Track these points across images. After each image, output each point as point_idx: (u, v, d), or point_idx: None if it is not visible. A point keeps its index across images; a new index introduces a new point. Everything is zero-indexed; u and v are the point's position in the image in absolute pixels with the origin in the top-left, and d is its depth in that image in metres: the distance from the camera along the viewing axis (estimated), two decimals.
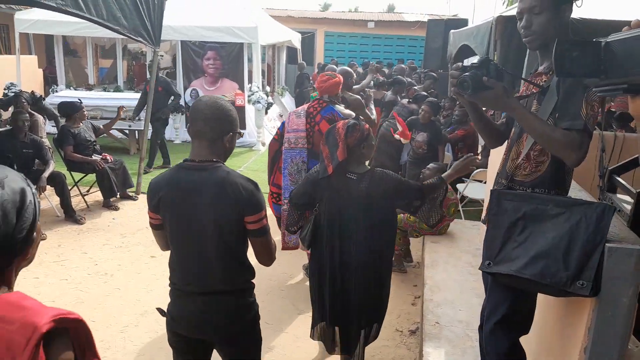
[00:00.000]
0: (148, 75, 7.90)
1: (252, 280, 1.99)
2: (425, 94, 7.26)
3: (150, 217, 1.95)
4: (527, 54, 3.16)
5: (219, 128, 1.85)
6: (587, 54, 0.85)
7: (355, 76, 4.91)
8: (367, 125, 2.64)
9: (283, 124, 3.81)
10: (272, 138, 3.96)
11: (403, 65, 11.97)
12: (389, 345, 3.31)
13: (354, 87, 4.45)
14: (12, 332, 0.90)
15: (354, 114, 3.86)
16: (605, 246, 1.57)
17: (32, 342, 0.89)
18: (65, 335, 0.96)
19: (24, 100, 5.95)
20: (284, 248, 3.65)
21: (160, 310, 2.00)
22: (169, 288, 1.97)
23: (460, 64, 1.82)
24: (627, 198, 2.69)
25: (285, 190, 3.63)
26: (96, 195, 5.97)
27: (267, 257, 1.95)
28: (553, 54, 0.91)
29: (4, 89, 8.42)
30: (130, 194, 6.14)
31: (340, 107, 3.75)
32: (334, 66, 10.14)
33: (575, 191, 2.15)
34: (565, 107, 1.71)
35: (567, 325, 1.87)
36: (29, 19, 9.35)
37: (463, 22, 9.93)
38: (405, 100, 7.05)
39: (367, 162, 2.90)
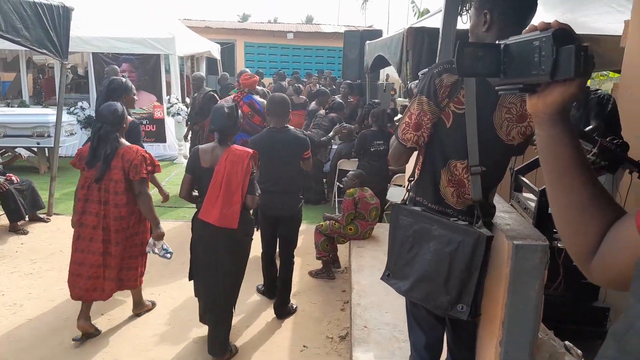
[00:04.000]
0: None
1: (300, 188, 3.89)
2: (340, 100, 7.44)
3: None
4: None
5: (286, 109, 3.70)
6: (490, 54, 0.90)
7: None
8: None
9: None
10: None
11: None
12: (320, 353, 3.33)
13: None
14: (242, 153, 3.01)
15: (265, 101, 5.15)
16: (513, 243, 1.69)
17: (248, 156, 3.00)
18: (254, 157, 3.08)
19: None
20: None
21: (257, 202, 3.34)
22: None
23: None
24: (532, 196, 2.89)
25: None
26: (1, 219, 5.52)
27: (309, 168, 3.87)
28: (455, 53, 0.93)
29: None
30: (41, 215, 5.72)
31: (257, 97, 5.47)
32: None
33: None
34: None
35: (483, 321, 1.98)
36: None
37: (378, 33, 10.26)
38: (322, 111, 7.18)
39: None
